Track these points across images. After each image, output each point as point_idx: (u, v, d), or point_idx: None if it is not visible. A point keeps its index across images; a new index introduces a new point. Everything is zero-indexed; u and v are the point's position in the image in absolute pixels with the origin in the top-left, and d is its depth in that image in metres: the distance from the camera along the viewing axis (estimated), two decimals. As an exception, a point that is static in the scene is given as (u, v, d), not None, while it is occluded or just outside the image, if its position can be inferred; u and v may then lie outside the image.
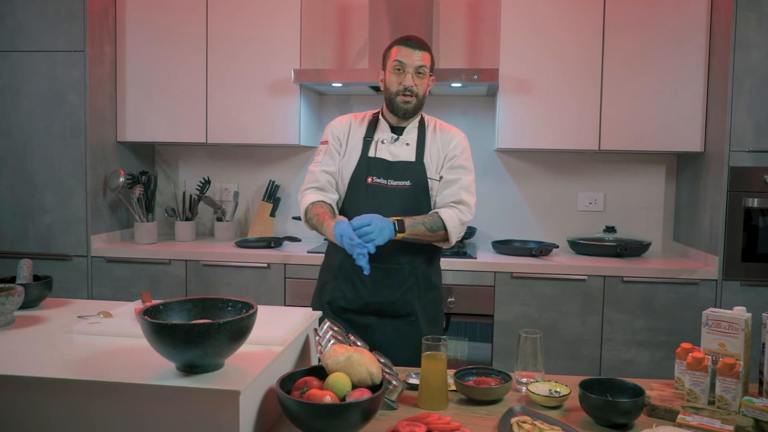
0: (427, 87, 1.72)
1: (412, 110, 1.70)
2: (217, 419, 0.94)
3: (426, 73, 1.69)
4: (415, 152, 1.72)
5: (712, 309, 1.27)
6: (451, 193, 1.71)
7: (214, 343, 0.97)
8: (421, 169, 1.70)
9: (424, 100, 1.72)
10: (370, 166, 1.71)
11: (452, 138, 1.76)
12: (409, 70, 1.66)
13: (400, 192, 1.69)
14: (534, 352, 1.34)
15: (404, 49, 1.67)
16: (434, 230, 1.66)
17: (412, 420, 1.08)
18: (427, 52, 1.69)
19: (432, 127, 1.78)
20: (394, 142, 1.73)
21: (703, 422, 1.10)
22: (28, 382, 0.99)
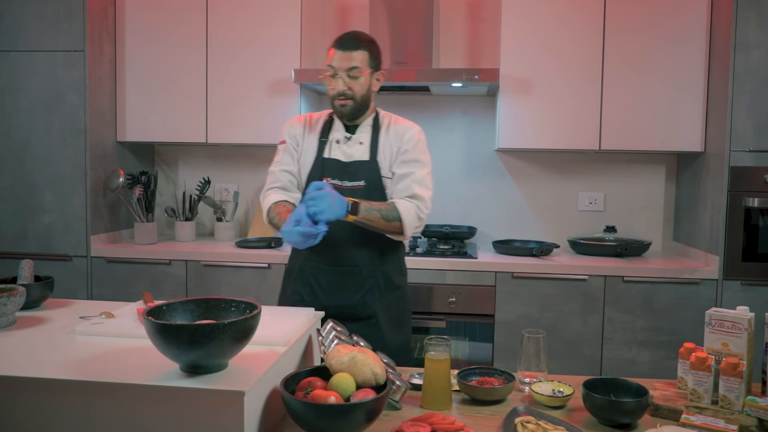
0: (366, 86, 1.66)
1: (350, 113, 1.66)
2: (221, 420, 0.94)
3: (361, 74, 1.63)
4: (369, 151, 1.70)
5: (716, 309, 1.27)
6: (404, 188, 1.67)
7: (218, 343, 0.96)
8: (374, 168, 1.68)
9: (367, 99, 1.68)
10: (325, 167, 1.70)
11: (405, 132, 1.72)
12: (341, 73, 1.62)
13: (356, 193, 1.65)
14: (537, 352, 1.34)
15: (336, 51, 1.63)
16: (389, 219, 1.62)
17: (417, 420, 1.08)
18: (362, 50, 1.63)
19: (386, 123, 1.74)
20: (347, 142, 1.71)
21: (707, 422, 1.10)
22: (31, 383, 0.98)
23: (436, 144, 3.03)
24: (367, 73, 1.65)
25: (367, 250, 1.68)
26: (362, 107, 1.68)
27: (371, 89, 1.69)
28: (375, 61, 1.67)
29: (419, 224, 1.67)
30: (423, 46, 2.65)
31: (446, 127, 3.02)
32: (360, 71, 1.63)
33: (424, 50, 2.65)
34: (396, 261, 1.78)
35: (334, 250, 1.67)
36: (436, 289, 2.49)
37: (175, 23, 2.79)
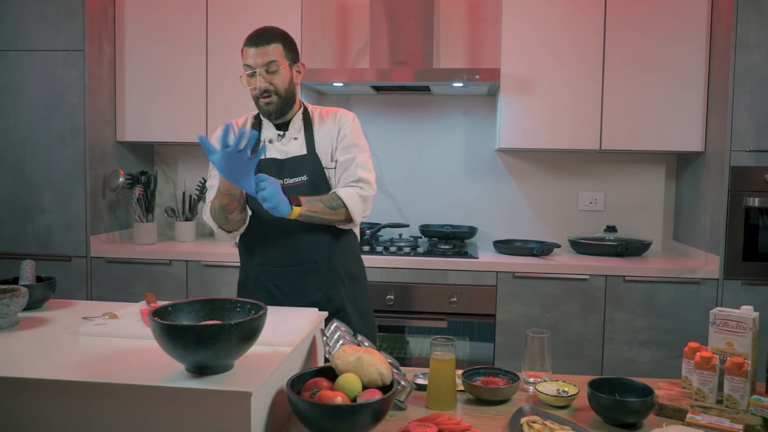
0: (287, 79, 1.60)
1: (277, 109, 1.61)
2: (227, 421, 0.93)
3: (279, 68, 1.57)
4: (306, 145, 1.65)
5: (720, 308, 1.27)
6: (348, 175, 1.64)
7: (225, 344, 0.96)
8: (314, 160, 1.64)
9: (291, 93, 1.63)
10: (261, 169, 1.61)
11: (339, 119, 1.68)
12: (259, 70, 1.57)
13: (298, 189, 1.61)
14: (541, 351, 1.34)
15: (249, 49, 1.58)
16: (334, 207, 1.58)
17: (423, 420, 1.08)
18: (276, 43, 1.57)
19: (317, 115, 1.70)
20: (281, 140, 1.66)
21: (712, 421, 1.10)
22: (36, 384, 0.98)
23: (437, 144, 3.03)
24: (285, 66, 1.59)
25: (322, 244, 1.64)
26: (288, 101, 1.63)
27: (293, 82, 1.63)
28: (291, 53, 1.62)
29: (365, 207, 1.63)
30: (423, 46, 2.65)
31: (446, 127, 3.02)
32: (278, 65, 1.57)
33: (425, 50, 2.65)
34: (353, 251, 1.75)
35: (289, 249, 1.63)
36: (437, 289, 2.48)
37: (175, 23, 2.78)
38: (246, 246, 1.72)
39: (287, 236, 1.62)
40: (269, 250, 1.66)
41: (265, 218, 1.59)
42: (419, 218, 3.02)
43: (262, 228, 1.65)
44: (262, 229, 1.65)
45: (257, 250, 1.68)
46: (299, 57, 1.66)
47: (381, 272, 2.50)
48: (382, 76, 2.57)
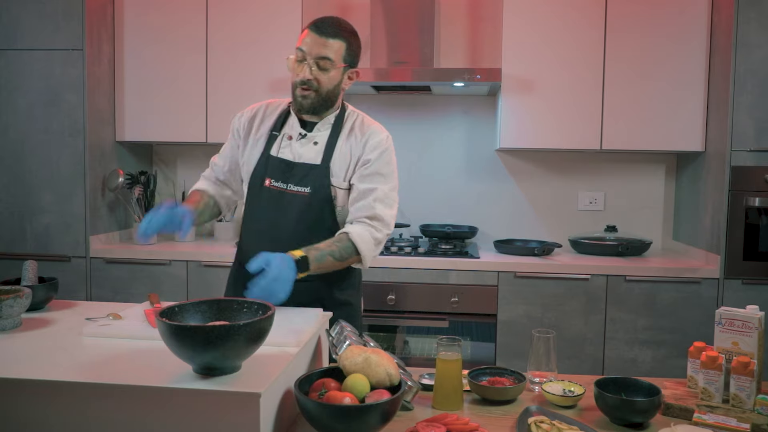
0: (335, 81, 1.46)
1: (310, 106, 1.46)
2: (236, 422, 0.93)
3: (331, 67, 1.43)
4: (323, 154, 1.48)
5: (726, 308, 1.27)
6: (364, 206, 1.46)
7: (233, 345, 0.95)
8: (324, 174, 1.47)
9: (333, 95, 1.48)
10: (269, 165, 1.50)
11: (369, 138, 1.50)
12: (309, 60, 1.42)
13: (299, 200, 1.47)
14: (547, 351, 1.34)
15: (310, 34, 1.44)
16: (344, 258, 1.41)
17: (431, 421, 1.07)
18: (341, 40, 1.44)
19: (350, 125, 1.53)
20: (300, 140, 1.50)
21: (719, 420, 1.11)
22: (42, 385, 0.97)
23: (437, 144, 3.03)
24: (340, 68, 1.46)
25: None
26: (326, 103, 1.48)
27: (341, 86, 1.49)
28: (352, 56, 1.49)
29: (378, 250, 1.48)
30: (424, 46, 2.64)
31: (447, 127, 3.02)
32: (332, 64, 1.43)
33: (425, 50, 2.65)
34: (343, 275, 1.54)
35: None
36: (438, 289, 2.48)
37: (174, 22, 2.77)
38: (242, 238, 1.61)
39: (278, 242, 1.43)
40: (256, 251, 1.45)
41: (259, 216, 1.51)
42: (419, 218, 3.02)
43: (254, 225, 1.55)
44: (254, 226, 1.55)
45: (248, 246, 1.54)
46: (357, 63, 1.53)
47: (382, 272, 2.50)
48: (382, 75, 2.56)
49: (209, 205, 1.63)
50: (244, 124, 1.58)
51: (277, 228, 1.49)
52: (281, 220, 1.49)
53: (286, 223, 1.48)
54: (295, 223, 1.48)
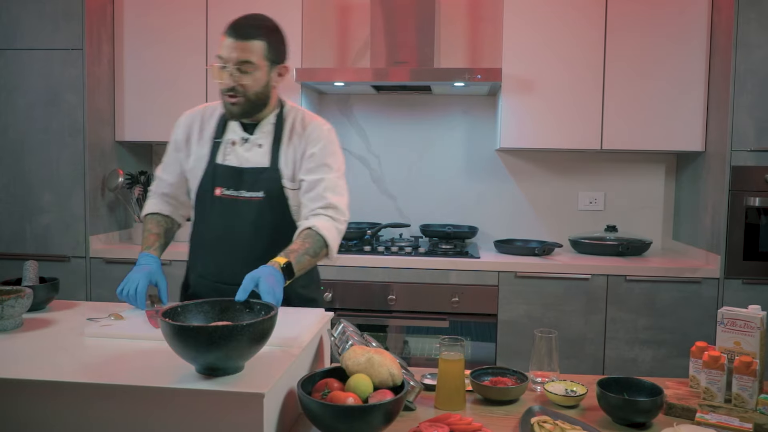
0: (262, 82, 1.41)
1: (241, 112, 1.42)
2: (240, 422, 0.93)
3: (254, 69, 1.38)
4: (270, 156, 1.46)
5: (727, 307, 1.27)
6: (316, 197, 1.45)
7: (236, 345, 0.95)
8: (275, 176, 1.45)
9: (263, 96, 1.43)
10: (216, 174, 1.46)
11: (310, 132, 1.48)
12: (230, 66, 1.38)
13: (253, 205, 1.45)
14: (549, 351, 1.34)
15: (227, 39, 1.38)
16: (317, 254, 1.39)
17: (434, 421, 1.07)
18: (259, 40, 1.38)
19: (290, 123, 1.50)
20: (244, 144, 1.47)
21: (721, 420, 1.11)
22: (44, 386, 0.96)
23: (437, 144, 3.03)
24: (263, 68, 1.40)
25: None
26: (257, 105, 1.43)
27: (270, 85, 1.44)
28: (275, 53, 1.42)
29: (340, 238, 1.47)
30: (424, 46, 2.64)
31: (447, 127, 3.02)
32: (254, 66, 1.38)
33: (425, 49, 2.64)
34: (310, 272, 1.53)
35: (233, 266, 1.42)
36: (438, 289, 2.48)
37: (174, 22, 2.77)
38: (191, 249, 1.57)
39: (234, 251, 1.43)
40: (210, 263, 1.48)
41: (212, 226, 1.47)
42: (419, 218, 3.02)
43: (206, 236, 1.50)
44: (206, 237, 1.50)
45: (199, 259, 1.52)
46: (286, 57, 1.47)
47: (382, 272, 2.50)
48: (383, 75, 2.56)
49: (170, 231, 1.59)
50: (183, 134, 1.54)
51: (232, 236, 1.46)
52: (237, 228, 1.46)
53: (242, 231, 1.46)
54: (252, 229, 1.46)
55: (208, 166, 1.49)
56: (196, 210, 1.53)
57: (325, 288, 2.51)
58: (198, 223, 1.53)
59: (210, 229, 1.49)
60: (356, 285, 2.52)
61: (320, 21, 2.97)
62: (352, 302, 2.51)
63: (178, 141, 1.55)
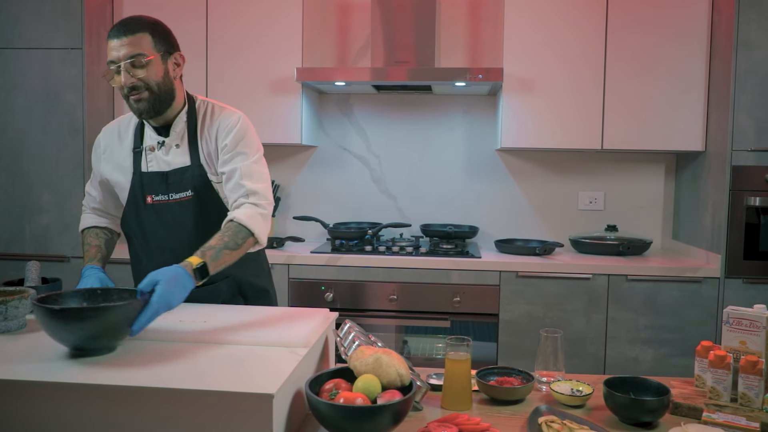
0: (160, 73, 1.40)
1: (149, 107, 1.40)
2: (249, 423, 0.92)
3: (147, 61, 1.38)
4: (189, 154, 1.47)
5: (733, 307, 1.27)
6: (235, 187, 1.44)
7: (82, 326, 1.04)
8: (200, 173, 1.46)
9: (167, 88, 1.42)
10: (144, 183, 1.47)
11: (220, 123, 1.48)
12: (123, 64, 1.37)
13: (185, 206, 1.46)
14: (554, 351, 1.34)
15: (111, 41, 1.38)
16: (239, 245, 1.36)
17: (442, 421, 1.07)
18: (142, 33, 1.38)
19: (205, 115, 1.50)
20: (162, 147, 1.48)
21: (728, 419, 1.11)
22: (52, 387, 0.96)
23: (437, 143, 3.03)
24: (155, 58, 1.40)
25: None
26: (164, 99, 1.42)
27: (170, 76, 1.43)
28: (164, 43, 1.43)
29: (267, 224, 1.45)
30: (424, 46, 2.64)
31: (447, 127, 3.02)
32: (145, 57, 1.38)
33: (426, 49, 2.64)
34: (256, 261, 1.59)
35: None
36: (440, 289, 2.48)
37: (173, 21, 2.73)
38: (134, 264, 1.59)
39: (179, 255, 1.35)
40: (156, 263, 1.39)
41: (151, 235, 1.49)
42: (419, 218, 3.02)
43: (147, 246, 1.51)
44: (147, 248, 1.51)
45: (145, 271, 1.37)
46: (176, 47, 1.47)
47: (383, 272, 2.50)
48: (384, 75, 2.56)
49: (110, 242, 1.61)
50: (103, 149, 1.57)
51: (173, 241, 1.46)
52: (175, 231, 1.47)
53: (181, 233, 1.47)
54: (188, 229, 1.46)
55: (134, 177, 1.50)
56: (130, 223, 1.52)
57: (326, 288, 2.51)
58: (135, 235, 1.53)
59: (149, 238, 1.50)
60: (357, 285, 2.51)
61: (321, 20, 2.96)
62: (353, 302, 2.51)
63: (99, 156, 1.58)
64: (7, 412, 0.96)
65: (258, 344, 1.16)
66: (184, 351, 1.12)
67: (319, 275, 2.53)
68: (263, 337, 1.20)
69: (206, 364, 1.05)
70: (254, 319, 1.33)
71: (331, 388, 1.05)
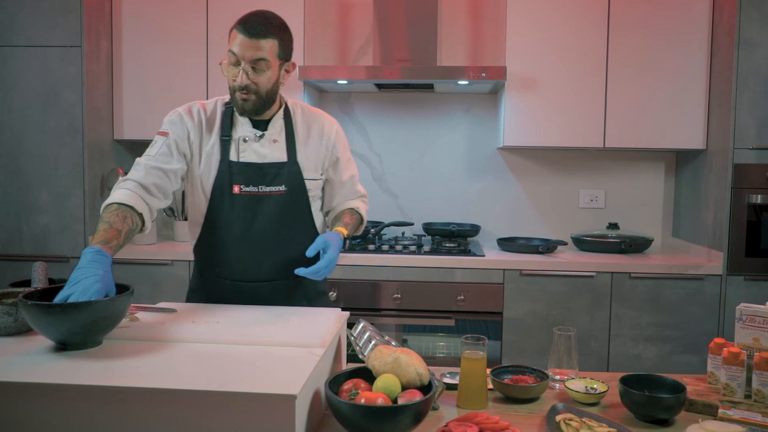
0: (273, 80, 1.43)
1: (253, 109, 1.43)
2: (271, 424, 0.91)
3: (268, 68, 1.39)
4: (286, 150, 1.50)
5: (746, 304, 1.28)
6: (351, 192, 1.63)
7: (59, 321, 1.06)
8: (296, 170, 1.49)
9: (273, 94, 1.46)
10: (234, 172, 1.46)
11: (326, 130, 1.55)
12: (244, 64, 1.38)
13: (275, 199, 1.48)
14: (568, 349, 1.34)
15: (240, 36, 1.38)
16: (357, 228, 1.63)
17: (462, 420, 1.07)
18: (273, 38, 1.39)
19: (299, 116, 1.54)
20: (260, 140, 1.49)
21: (744, 416, 1.11)
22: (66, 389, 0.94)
23: (439, 142, 3.03)
24: (275, 66, 1.41)
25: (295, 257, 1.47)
26: (267, 102, 1.45)
27: (279, 82, 1.46)
28: (286, 51, 1.44)
29: None
30: (426, 44, 2.64)
31: (448, 125, 3.02)
32: (268, 64, 1.39)
33: (428, 48, 2.64)
34: None
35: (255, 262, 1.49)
36: (444, 288, 2.48)
37: (174, 18, 2.73)
38: (205, 251, 1.54)
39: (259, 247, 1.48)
40: (234, 262, 1.49)
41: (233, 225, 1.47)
42: (421, 216, 3.02)
43: (226, 235, 1.48)
44: (226, 237, 1.48)
45: (218, 259, 1.51)
46: (292, 54, 1.49)
47: (387, 271, 2.49)
48: (385, 73, 2.55)
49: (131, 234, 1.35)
50: (192, 128, 1.48)
51: (256, 233, 1.47)
52: (260, 223, 1.47)
53: (265, 226, 1.48)
54: (274, 223, 1.48)
55: (221, 165, 1.47)
56: (212, 209, 1.49)
57: (330, 287, 2.50)
58: (212, 223, 1.50)
59: (230, 227, 1.48)
60: (361, 284, 2.51)
61: (322, 19, 2.95)
62: (358, 301, 2.50)
63: (180, 138, 1.47)
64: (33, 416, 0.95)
65: (273, 344, 1.15)
66: (200, 352, 1.11)
67: (323, 274, 2.51)
68: (278, 337, 1.19)
69: (223, 365, 1.04)
70: (267, 318, 1.32)
71: (349, 388, 1.04)
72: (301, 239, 1.48)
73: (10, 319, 1.19)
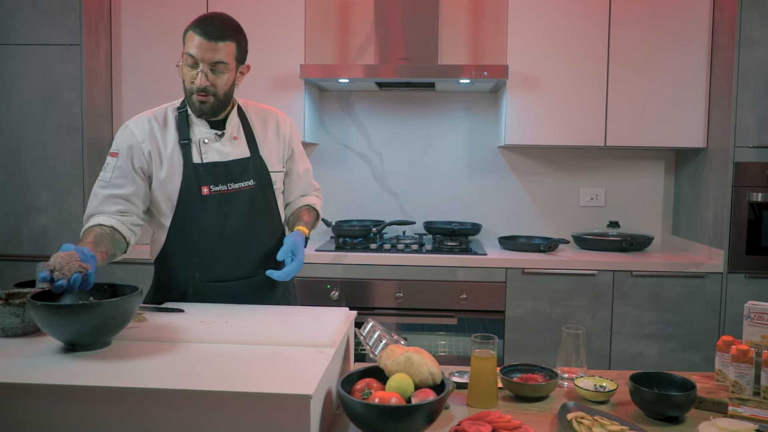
0: (230, 82, 1.45)
1: (211, 110, 1.44)
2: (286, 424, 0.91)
3: (226, 70, 1.41)
4: (248, 146, 1.52)
5: (754, 302, 1.28)
6: (307, 186, 1.70)
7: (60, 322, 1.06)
8: (261, 164, 1.53)
9: (230, 95, 1.48)
10: (200, 174, 1.45)
11: (281, 124, 1.60)
12: (203, 66, 1.38)
13: (245, 194, 1.49)
14: (576, 347, 1.34)
15: (198, 39, 1.37)
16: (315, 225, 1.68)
17: (474, 419, 1.07)
18: (230, 41, 1.40)
19: (253, 113, 1.57)
20: (220, 139, 1.49)
21: (753, 413, 1.12)
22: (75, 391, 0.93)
23: (440, 141, 3.03)
24: (233, 68, 1.44)
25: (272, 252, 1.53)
26: (224, 104, 1.47)
27: (235, 83, 1.48)
28: (242, 54, 1.46)
29: None
30: (427, 42, 2.63)
31: (449, 124, 3.02)
32: (226, 67, 1.41)
33: (429, 46, 2.63)
34: None
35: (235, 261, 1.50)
36: (446, 286, 2.48)
37: (173, 16, 2.72)
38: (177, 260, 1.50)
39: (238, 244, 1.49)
40: (215, 264, 1.48)
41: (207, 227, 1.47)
42: (421, 215, 3.02)
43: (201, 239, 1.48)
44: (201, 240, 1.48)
45: (196, 265, 1.49)
46: (247, 57, 1.50)
47: (388, 270, 2.49)
48: (386, 72, 2.55)
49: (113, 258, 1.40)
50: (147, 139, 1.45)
51: (232, 230, 1.49)
52: (234, 221, 1.49)
53: (238, 222, 1.49)
54: (245, 219, 1.50)
55: (186, 169, 1.45)
56: (180, 214, 1.47)
57: (332, 286, 2.50)
58: (181, 228, 1.48)
59: (205, 229, 1.47)
60: (363, 283, 2.50)
61: (323, 17, 2.94)
62: (359, 300, 2.50)
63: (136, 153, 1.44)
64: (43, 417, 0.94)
65: (284, 344, 1.15)
66: (210, 352, 1.10)
67: (325, 273, 2.51)
68: (288, 337, 1.18)
69: (235, 365, 1.04)
70: (276, 318, 1.32)
71: (362, 387, 1.04)
72: (273, 232, 1.58)
73: (17, 320, 1.18)
